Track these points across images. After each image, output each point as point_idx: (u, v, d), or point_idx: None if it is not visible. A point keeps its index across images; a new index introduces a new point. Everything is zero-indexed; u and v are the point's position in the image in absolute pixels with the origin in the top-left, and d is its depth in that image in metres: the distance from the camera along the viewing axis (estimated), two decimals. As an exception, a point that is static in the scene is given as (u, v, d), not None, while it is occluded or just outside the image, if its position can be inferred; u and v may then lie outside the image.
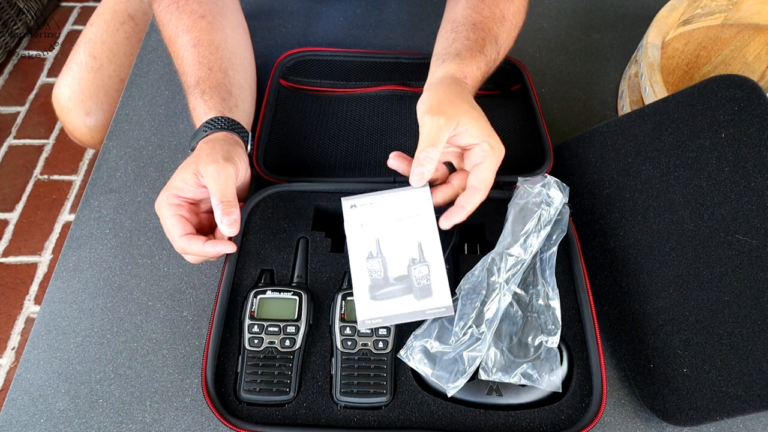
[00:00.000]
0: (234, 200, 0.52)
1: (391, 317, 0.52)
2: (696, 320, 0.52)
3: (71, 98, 0.91)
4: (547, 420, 0.51)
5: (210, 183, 0.52)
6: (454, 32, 0.63)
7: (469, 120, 0.53)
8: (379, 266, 0.53)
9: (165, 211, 0.53)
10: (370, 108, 0.74)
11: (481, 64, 0.61)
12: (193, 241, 0.52)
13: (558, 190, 0.56)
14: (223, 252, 0.53)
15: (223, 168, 0.52)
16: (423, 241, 0.53)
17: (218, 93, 0.60)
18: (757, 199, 0.50)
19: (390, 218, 0.54)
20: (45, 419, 0.53)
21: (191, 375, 0.55)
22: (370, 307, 0.52)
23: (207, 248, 0.52)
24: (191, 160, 0.54)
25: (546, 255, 0.55)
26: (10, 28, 1.89)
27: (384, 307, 0.52)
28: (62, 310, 0.59)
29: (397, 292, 0.52)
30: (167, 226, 0.53)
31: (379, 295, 0.52)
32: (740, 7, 0.81)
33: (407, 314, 0.52)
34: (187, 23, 0.63)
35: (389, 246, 0.54)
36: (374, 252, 0.54)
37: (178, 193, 0.53)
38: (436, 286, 0.52)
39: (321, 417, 0.50)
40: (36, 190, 1.66)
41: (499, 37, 0.64)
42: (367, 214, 0.55)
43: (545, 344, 0.52)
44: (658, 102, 0.60)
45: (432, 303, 0.52)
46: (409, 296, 0.52)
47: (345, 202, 0.55)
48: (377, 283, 0.53)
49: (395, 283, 0.52)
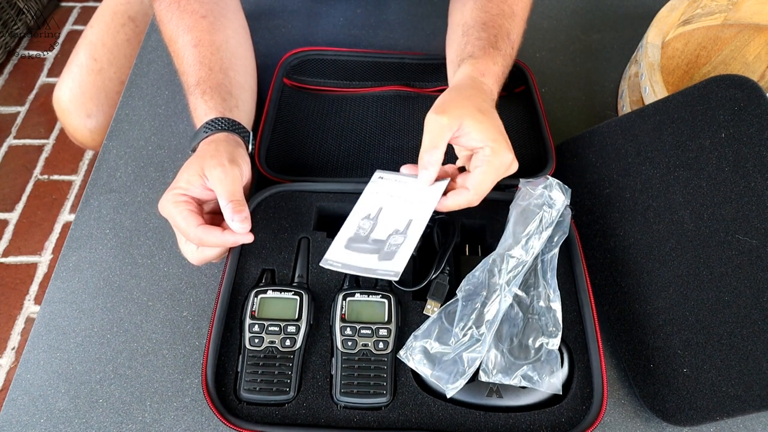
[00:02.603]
0: (243, 199, 0.52)
1: (349, 266, 0.54)
2: (696, 320, 0.52)
3: (72, 100, 0.91)
4: (547, 422, 0.51)
5: (217, 186, 0.52)
6: (465, 36, 0.63)
7: (473, 122, 0.53)
8: (368, 226, 0.56)
9: (173, 208, 0.52)
10: (373, 108, 0.74)
11: (497, 59, 0.60)
12: (211, 230, 0.51)
13: (560, 191, 0.56)
14: (242, 241, 0.52)
15: (228, 170, 0.52)
16: (413, 220, 0.55)
17: (219, 93, 0.60)
18: (757, 199, 0.50)
19: (401, 197, 0.57)
20: (45, 419, 0.53)
21: (191, 375, 0.55)
22: (339, 252, 0.55)
23: (226, 237, 0.51)
24: (195, 161, 0.54)
25: (547, 257, 0.55)
26: (10, 28, 1.89)
27: (348, 256, 0.54)
28: (62, 310, 0.59)
29: (368, 249, 0.55)
30: (179, 220, 0.51)
31: (353, 246, 0.55)
32: (740, 7, 0.81)
33: (362, 269, 0.54)
34: (188, 23, 0.63)
35: (386, 216, 0.56)
36: (372, 215, 0.57)
37: (184, 192, 0.53)
38: (399, 254, 0.54)
39: (321, 417, 0.50)
40: (36, 190, 1.66)
41: (511, 33, 0.64)
42: (386, 186, 0.59)
43: (546, 346, 0.52)
44: (658, 102, 0.60)
45: (385, 265, 0.54)
46: (374, 256, 0.54)
47: (377, 173, 0.60)
48: (358, 238, 0.55)
49: (371, 244, 0.55)
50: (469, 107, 0.54)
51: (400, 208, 0.57)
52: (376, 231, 0.56)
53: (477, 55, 0.60)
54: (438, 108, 0.54)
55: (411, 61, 0.78)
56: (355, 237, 0.55)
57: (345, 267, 0.54)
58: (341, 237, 0.56)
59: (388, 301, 0.54)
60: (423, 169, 0.54)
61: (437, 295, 0.55)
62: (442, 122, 0.52)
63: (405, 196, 0.57)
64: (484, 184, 0.54)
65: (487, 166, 0.53)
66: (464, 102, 0.54)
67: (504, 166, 0.54)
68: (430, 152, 0.53)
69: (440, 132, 0.53)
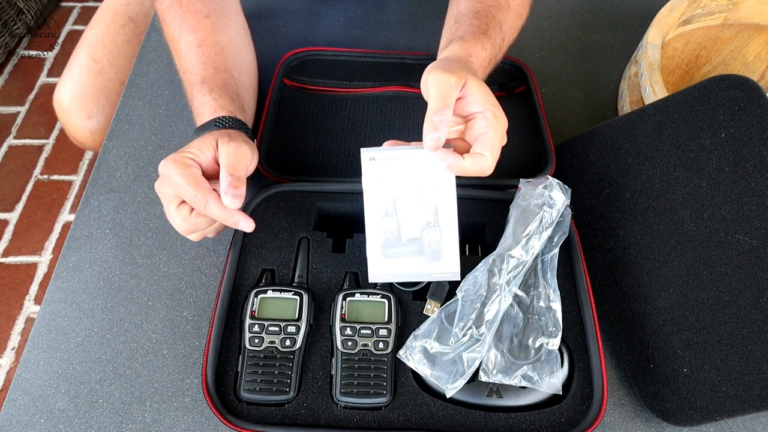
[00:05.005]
0: (243, 178, 0.51)
1: (400, 275, 0.54)
2: (696, 320, 0.52)
3: (72, 101, 0.91)
4: (547, 422, 0.51)
5: (223, 156, 0.51)
6: (457, 23, 0.62)
7: (476, 83, 0.50)
8: (393, 226, 0.53)
9: (182, 169, 0.49)
10: (373, 109, 0.74)
11: (486, 45, 0.59)
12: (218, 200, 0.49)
13: (560, 191, 0.56)
14: (242, 223, 0.51)
15: (240, 146, 0.51)
16: (439, 206, 0.53)
17: (227, 93, 0.60)
18: (757, 199, 0.50)
19: (409, 177, 0.53)
20: (45, 419, 0.53)
21: (191, 375, 0.55)
22: (382, 264, 0.54)
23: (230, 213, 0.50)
24: (210, 135, 0.53)
25: (547, 257, 0.55)
26: (10, 28, 1.89)
27: (395, 265, 0.54)
28: (62, 310, 0.59)
29: (409, 252, 0.53)
30: (187, 181, 0.49)
31: (391, 253, 0.54)
32: (740, 7, 0.81)
33: (416, 274, 0.53)
34: (191, 22, 0.63)
35: (405, 207, 0.53)
36: (390, 210, 0.53)
37: (193, 157, 0.51)
38: (446, 251, 0.53)
39: (321, 417, 0.50)
40: (36, 190, 1.66)
41: (503, 24, 0.63)
42: (386, 170, 0.53)
43: (546, 346, 0.52)
44: (658, 102, 0.60)
45: (440, 267, 0.53)
46: (419, 258, 0.53)
47: (364, 154, 0.53)
48: (390, 242, 0.54)
49: (407, 244, 0.53)
50: (468, 72, 0.51)
51: (417, 192, 0.53)
52: (404, 229, 0.53)
53: (466, 38, 0.58)
54: (440, 68, 0.50)
55: (411, 61, 0.78)
56: (387, 242, 0.53)
57: (396, 277, 0.54)
58: (373, 247, 0.53)
59: (388, 301, 0.54)
60: (432, 130, 0.49)
61: (437, 295, 0.55)
62: (451, 80, 0.49)
63: (413, 175, 0.53)
64: (496, 149, 0.50)
65: (493, 130, 0.50)
66: (463, 67, 0.52)
67: (504, 133, 0.52)
68: (441, 111, 0.48)
69: (449, 90, 0.48)
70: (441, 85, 0.49)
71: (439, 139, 0.49)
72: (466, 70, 0.52)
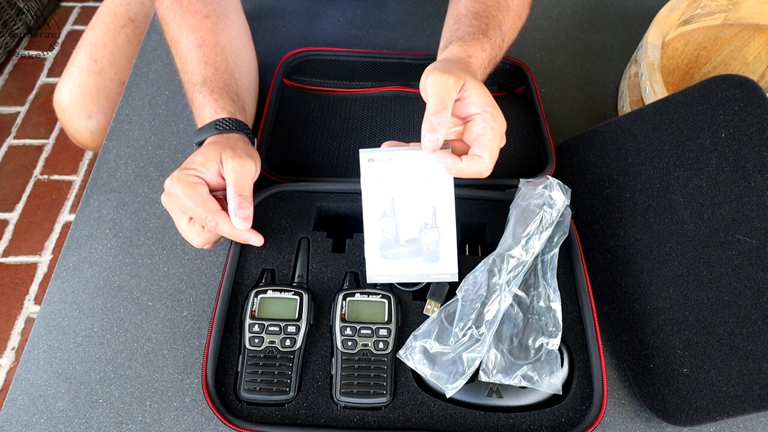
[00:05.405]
0: (250, 196, 0.52)
1: (398, 276, 0.54)
2: (696, 320, 0.52)
3: (72, 101, 0.91)
4: (547, 422, 0.51)
5: (230, 174, 0.52)
6: (456, 23, 0.62)
7: (474, 84, 0.51)
8: (391, 226, 0.54)
9: (189, 189, 0.51)
10: (373, 109, 0.74)
11: (485, 46, 0.59)
12: (227, 219, 0.51)
13: (560, 191, 0.56)
14: (252, 240, 0.53)
15: (245, 163, 0.52)
16: (437, 206, 0.53)
17: (227, 94, 0.60)
18: (757, 199, 0.50)
19: (407, 178, 0.53)
20: (45, 419, 0.53)
21: (191, 375, 0.55)
22: (380, 264, 0.54)
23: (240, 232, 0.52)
24: (211, 147, 0.53)
25: (547, 257, 0.55)
26: (10, 28, 1.89)
27: (393, 266, 0.54)
28: (62, 310, 0.59)
29: (407, 253, 0.54)
30: (195, 201, 0.50)
31: (389, 254, 0.54)
32: (740, 7, 0.81)
33: (414, 275, 0.54)
34: (191, 23, 0.63)
35: (403, 207, 0.54)
36: (388, 211, 0.54)
37: (198, 174, 0.52)
38: (444, 252, 0.53)
39: (321, 417, 0.50)
40: (36, 190, 1.66)
41: (503, 24, 0.63)
42: (384, 171, 0.53)
43: (546, 346, 0.52)
44: (658, 102, 0.60)
45: (438, 268, 0.54)
46: (417, 259, 0.54)
47: (363, 155, 0.53)
48: (388, 243, 0.54)
49: (405, 245, 0.54)
50: (465, 72, 0.52)
51: (414, 192, 0.53)
52: (402, 229, 0.54)
53: (466, 39, 0.58)
54: (439, 69, 0.50)
55: (411, 61, 0.78)
56: (386, 243, 0.54)
57: (394, 278, 0.54)
58: (371, 247, 0.54)
59: (388, 301, 0.54)
60: (431, 131, 0.49)
61: (437, 295, 0.55)
62: (449, 81, 0.49)
63: (410, 175, 0.53)
64: (494, 150, 0.51)
65: (492, 132, 0.50)
66: (458, 66, 0.52)
67: (503, 135, 0.52)
68: (440, 113, 0.49)
69: (448, 91, 0.49)
70: (440, 86, 0.49)
71: (437, 141, 0.49)
72: (465, 71, 0.52)
